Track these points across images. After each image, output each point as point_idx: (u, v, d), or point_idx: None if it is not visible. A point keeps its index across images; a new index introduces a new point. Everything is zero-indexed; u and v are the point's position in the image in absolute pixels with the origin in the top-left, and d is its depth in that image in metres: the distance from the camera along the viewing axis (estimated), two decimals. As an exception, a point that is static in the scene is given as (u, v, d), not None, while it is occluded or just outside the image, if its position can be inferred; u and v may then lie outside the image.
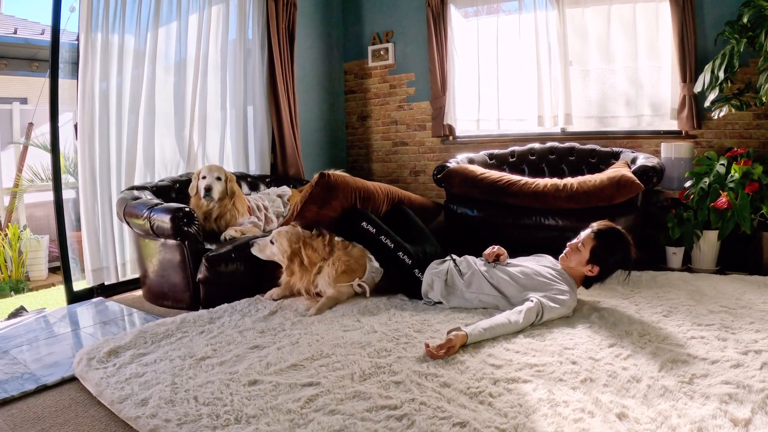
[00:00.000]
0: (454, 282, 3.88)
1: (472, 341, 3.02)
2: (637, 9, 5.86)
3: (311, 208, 4.34)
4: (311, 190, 4.34)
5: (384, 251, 4.17)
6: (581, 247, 3.65)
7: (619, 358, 2.82)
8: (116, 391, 2.66)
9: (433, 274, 3.96)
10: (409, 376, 2.65)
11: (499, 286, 3.72)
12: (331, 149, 7.73)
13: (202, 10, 5.65)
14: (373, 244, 4.21)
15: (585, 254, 3.64)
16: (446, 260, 4.09)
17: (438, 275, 3.93)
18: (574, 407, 2.30)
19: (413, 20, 7.14)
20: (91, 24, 4.76)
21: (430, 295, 3.94)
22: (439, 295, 3.87)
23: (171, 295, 4.46)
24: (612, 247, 3.64)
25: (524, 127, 6.60)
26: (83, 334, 3.90)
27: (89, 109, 4.81)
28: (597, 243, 3.61)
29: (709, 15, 5.52)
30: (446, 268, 3.97)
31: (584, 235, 3.70)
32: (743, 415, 2.19)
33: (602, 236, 3.64)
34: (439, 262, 4.09)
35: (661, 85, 5.82)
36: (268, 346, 3.16)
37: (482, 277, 3.81)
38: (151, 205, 4.33)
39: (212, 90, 5.90)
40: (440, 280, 3.89)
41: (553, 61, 6.23)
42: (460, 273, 3.90)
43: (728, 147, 5.32)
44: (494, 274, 3.79)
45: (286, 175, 6.39)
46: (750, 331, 3.15)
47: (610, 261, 3.65)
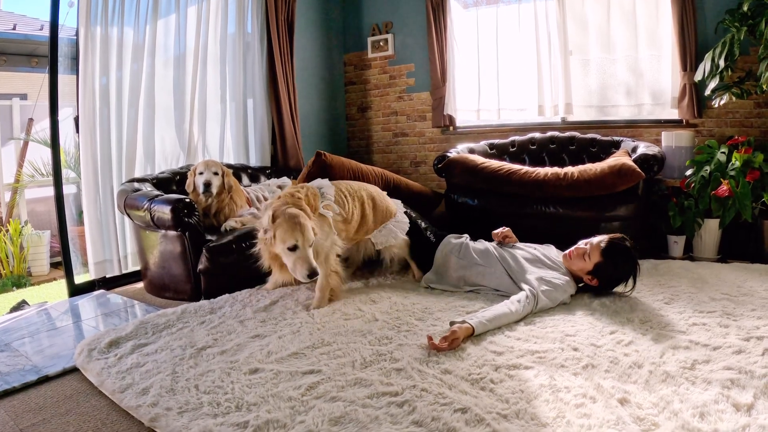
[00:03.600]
0: (466, 254, 3.98)
1: (479, 333, 3.02)
2: (637, -2, 5.84)
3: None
4: (308, 169, 4.35)
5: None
6: (587, 257, 3.65)
7: (621, 344, 2.82)
8: (117, 381, 2.68)
9: (448, 251, 4.09)
10: (410, 363, 2.65)
11: (503, 262, 3.79)
12: (332, 141, 7.73)
13: (201, 1, 5.64)
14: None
15: (589, 265, 3.64)
16: (463, 236, 4.22)
17: (452, 250, 4.07)
18: (575, 393, 2.31)
19: (413, 11, 7.13)
20: (90, 18, 4.76)
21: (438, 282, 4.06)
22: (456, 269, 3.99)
23: (172, 286, 4.45)
24: (618, 267, 3.62)
25: (525, 117, 6.59)
26: (85, 326, 3.91)
27: (90, 104, 4.81)
28: (603, 260, 3.61)
29: (709, 3, 5.50)
30: (461, 242, 4.11)
31: (594, 244, 3.68)
32: (745, 400, 2.18)
33: (610, 255, 3.61)
34: (455, 237, 4.21)
35: (662, 74, 5.81)
36: (269, 335, 3.17)
37: (492, 253, 3.91)
38: (151, 197, 4.32)
39: (212, 83, 5.89)
40: (454, 255, 4.03)
41: (553, 50, 6.21)
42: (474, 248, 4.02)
43: (729, 135, 5.31)
44: (501, 252, 3.89)
45: (286, 167, 6.38)
46: (752, 318, 3.15)
47: (612, 278, 3.66)
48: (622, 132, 5.95)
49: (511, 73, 6.61)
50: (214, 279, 4.21)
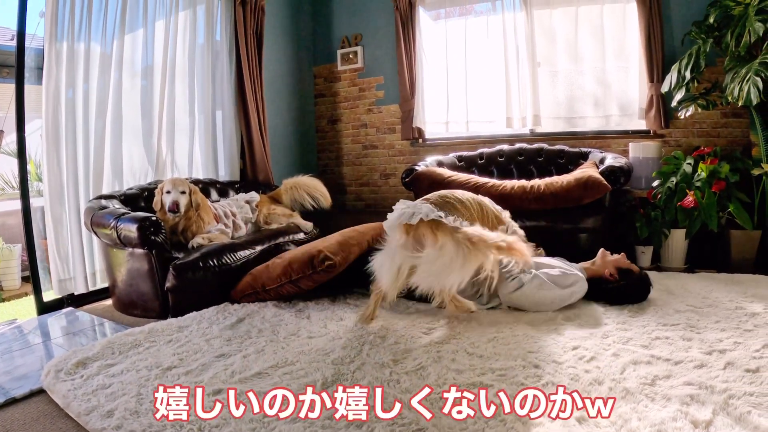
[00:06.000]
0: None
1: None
2: (604, 10, 5.91)
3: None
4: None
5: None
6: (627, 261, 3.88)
7: (582, 360, 2.82)
8: (83, 402, 2.64)
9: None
10: (371, 383, 2.63)
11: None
12: (301, 153, 7.72)
13: (169, 16, 5.62)
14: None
15: (625, 264, 3.83)
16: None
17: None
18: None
19: (382, 23, 7.16)
20: (56, 31, 4.70)
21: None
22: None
23: (140, 304, 4.42)
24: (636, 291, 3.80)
25: (493, 129, 6.64)
26: (53, 345, 3.86)
27: (55, 117, 4.75)
28: (637, 275, 3.82)
29: (676, 15, 5.57)
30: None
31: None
32: (704, 416, 2.18)
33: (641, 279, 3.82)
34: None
35: (629, 86, 5.87)
36: (234, 354, 3.15)
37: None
38: (117, 215, 4.29)
39: (180, 95, 5.86)
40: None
41: (521, 62, 6.26)
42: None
43: (696, 145, 5.38)
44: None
45: (255, 181, 6.37)
46: (715, 330, 3.17)
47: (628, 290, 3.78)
48: (591, 143, 5.99)
49: (479, 85, 6.65)
50: (181, 296, 4.17)
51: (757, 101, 4.38)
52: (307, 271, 3.99)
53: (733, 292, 3.95)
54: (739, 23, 4.67)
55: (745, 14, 4.64)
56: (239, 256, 4.49)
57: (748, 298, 3.82)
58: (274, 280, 4.10)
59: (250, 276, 4.27)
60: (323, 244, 4.13)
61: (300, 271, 4.01)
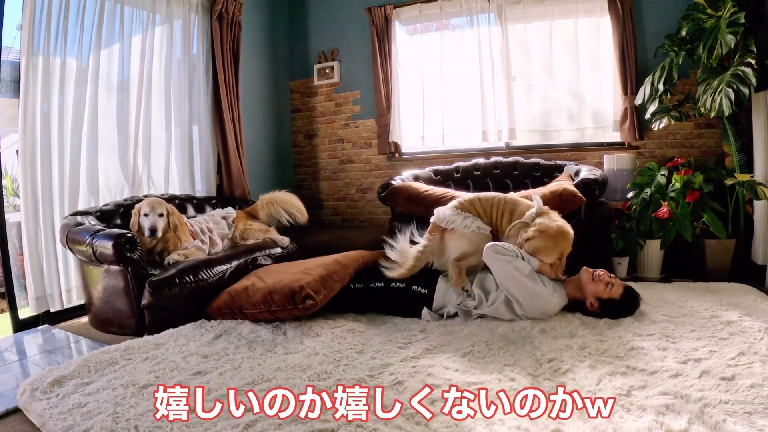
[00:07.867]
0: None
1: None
2: (579, 24, 5.98)
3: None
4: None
5: (381, 292, 4.18)
6: (609, 287, 3.76)
7: (558, 373, 2.83)
8: (59, 422, 2.62)
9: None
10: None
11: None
12: (278, 168, 7.72)
13: (146, 30, 5.61)
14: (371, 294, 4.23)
15: (604, 294, 3.76)
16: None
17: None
18: (509, 425, 2.30)
19: (358, 38, 7.19)
20: (33, 44, 4.67)
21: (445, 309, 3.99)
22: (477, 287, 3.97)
23: (117, 321, 4.37)
24: (621, 312, 3.75)
25: (469, 143, 6.67)
26: (29, 363, 3.82)
27: (31, 131, 4.70)
28: (619, 300, 3.75)
29: (649, 29, 5.64)
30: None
31: (619, 282, 3.82)
32: (680, 426, 2.20)
33: (627, 300, 3.78)
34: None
35: (603, 98, 5.93)
36: (210, 371, 3.12)
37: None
38: (93, 231, 4.25)
39: (156, 110, 5.83)
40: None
41: (496, 76, 6.30)
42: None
43: (670, 156, 5.44)
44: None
45: (232, 196, 6.35)
46: (690, 339, 3.21)
47: (610, 316, 3.74)
48: (566, 155, 6.03)
49: (455, 99, 6.69)
50: (158, 313, 4.14)
51: (729, 112, 4.43)
52: (288, 306, 3.96)
53: (709, 301, 4.00)
54: (711, 36, 4.73)
55: (717, 27, 4.70)
56: (216, 271, 4.45)
57: (724, 306, 3.87)
58: (253, 306, 4.07)
59: (227, 295, 4.23)
60: (306, 279, 4.08)
61: (280, 304, 3.98)
